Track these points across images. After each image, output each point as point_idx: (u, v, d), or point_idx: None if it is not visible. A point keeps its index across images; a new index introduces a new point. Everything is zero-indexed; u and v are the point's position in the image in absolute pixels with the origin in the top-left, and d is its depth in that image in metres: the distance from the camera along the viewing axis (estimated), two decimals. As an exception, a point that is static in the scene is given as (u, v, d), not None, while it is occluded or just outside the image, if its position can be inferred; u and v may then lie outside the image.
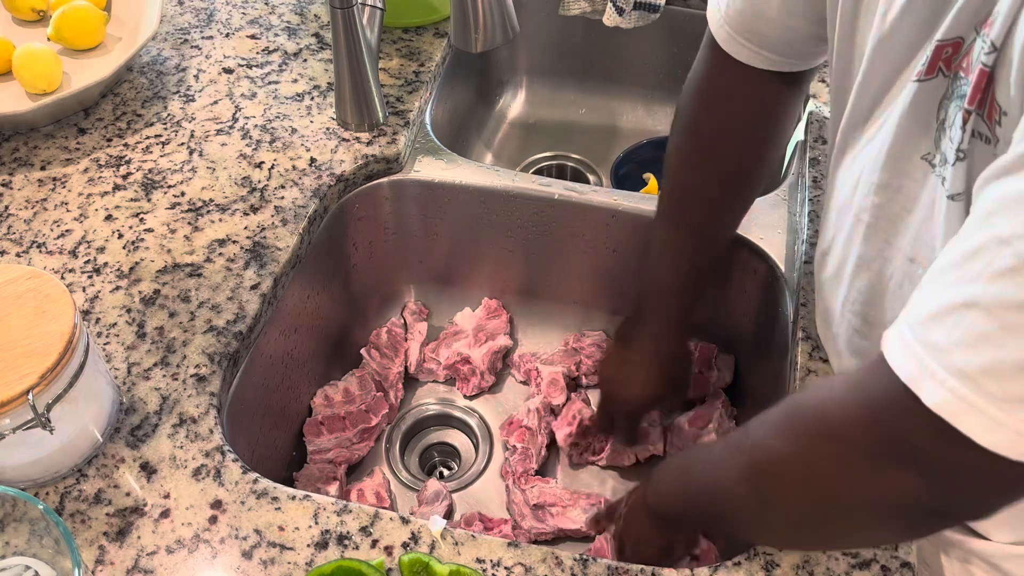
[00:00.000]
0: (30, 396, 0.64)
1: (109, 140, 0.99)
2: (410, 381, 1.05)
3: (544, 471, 0.97)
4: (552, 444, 0.98)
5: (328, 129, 1.00)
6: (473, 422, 1.02)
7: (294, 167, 0.96)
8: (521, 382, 1.05)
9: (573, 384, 1.03)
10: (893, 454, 0.49)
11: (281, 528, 0.70)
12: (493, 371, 1.04)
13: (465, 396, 1.04)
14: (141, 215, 0.91)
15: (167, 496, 0.72)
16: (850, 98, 0.63)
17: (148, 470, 0.73)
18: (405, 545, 0.69)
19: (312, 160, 0.97)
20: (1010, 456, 0.42)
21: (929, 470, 0.48)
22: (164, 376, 0.79)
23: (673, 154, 0.83)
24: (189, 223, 0.91)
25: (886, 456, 0.49)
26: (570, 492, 0.92)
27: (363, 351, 1.02)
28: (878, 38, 0.57)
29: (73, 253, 0.88)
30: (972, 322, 0.42)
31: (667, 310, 0.87)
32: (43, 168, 0.96)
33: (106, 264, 0.87)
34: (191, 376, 0.79)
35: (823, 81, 1.05)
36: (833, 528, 0.58)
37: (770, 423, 0.58)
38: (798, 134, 1.07)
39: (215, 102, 1.03)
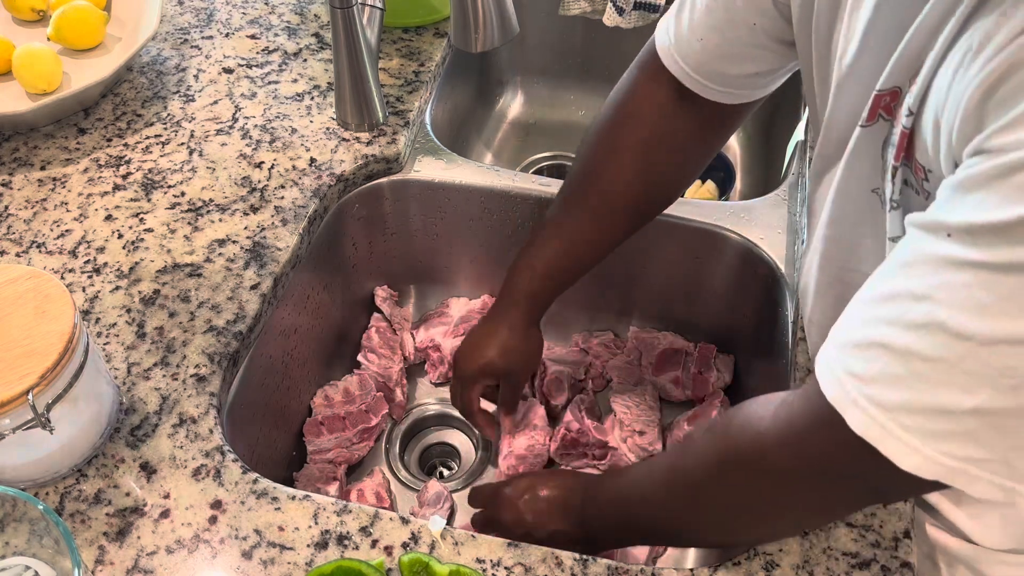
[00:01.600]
0: (30, 396, 0.64)
1: (109, 140, 0.99)
2: (411, 380, 1.05)
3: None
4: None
5: (328, 129, 1.00)
6: (473, 422, 1.02)
7: (294, 167, 0.96)
8: None
9: (579, 386, 1.03)
10: (820, 468, 0.53)
11: (281, 528, 0.70)
12: None
13: (432, 382, 1.04)
14: (141, 215, 0.91)
15: (167, 496, 0.72)
16: (820, 133, 0.64)
17: (148, 470, 0.73)
18: (405, 545, 0.69)
19: (312, 160, 0.97)
20: (928, 478, 0.46)
21: (854, 480, 0.53)
22: (164, 376, 0.79)
23: (580, 166, 0.83)
24: (189, 223, 0.91)
25: (813, 470, 0.54)
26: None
27: (360, 357, 1.02)
28: (837, 83, 0.59)
29: (73, 253, 0.88)
30: (887, 363, 0.46)
31: (530, 296, 0.87)
32: (43, 168, 0.96)
33: (106, 264, 0.87)
34: (191, 376, 0.79)
35: (823, 81, 1.05)
36: (761, 527, 0.64)
37: (701, 450, 0.63)
38: (798, 134, 1.07)
39: (215, 102, 1.03)
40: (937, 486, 0.47)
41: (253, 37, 1.11)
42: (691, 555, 0.92)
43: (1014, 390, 0.42)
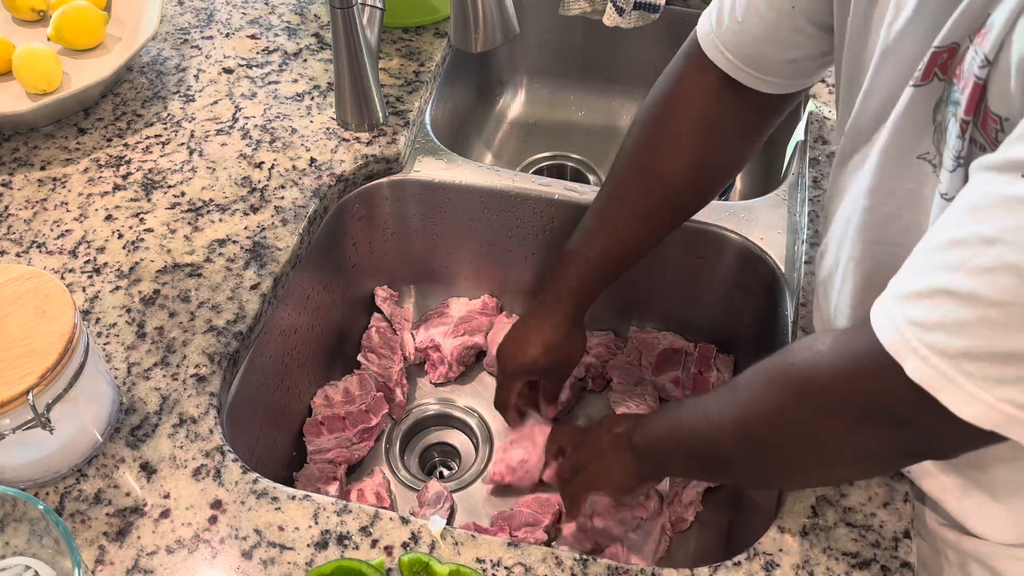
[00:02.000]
0: (30, 396, 0.64)
1: (109, 140, 0.99)
2: (411, 380, 1.05)
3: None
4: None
5: (328, 129, 1.00)
6: (473, 422, 1.02)
7: (294, 167, 0.96)
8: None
9: (579, 385, 1.03)
10: (875, 412, 0.53)
11: (281, 528, 0.70)
12: (463, 363, 1.04)
13: (432, 382, 1.04)
14: (141, 215, 0.91)
15: (167, 496, 0.72)
16: (855, 107, 0.64)
17: (148, 470, 0.73)
18: (405, 545, 0.69)
19: (312, 160, 0.97)
20: (985, 427, 0.46)
21: (909, 428, 0.52)
22: (164, 376, 0.79)
23: (629, 156, 0.82)
24: (189, 223, 0.91)
25: (869, 413, 0.54)
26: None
27: (360, 357, 1.02)
28: (883, 50, 0.59)
29: (73, 253, 0.88)
30: (951, 308, 0.46)
31: (575, 293, 0.86)
32: (43, 168, 0.96)
33: (106, 264, 0.87)
34: (191, 376, 0.79)
35: (823, 81, 1.05)
36: (815, 471, 0.64)
37: (759, 380, 0.63)
38: (798, 134, 1.07)
39: (215, 102, 1.03)
40: (991, 439, 0.47)
41: (253, 37, 1.11)
42: (691, 555, 0.92)
43: None
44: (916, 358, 0.47)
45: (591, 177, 1.26)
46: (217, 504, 0.71)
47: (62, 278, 0.86)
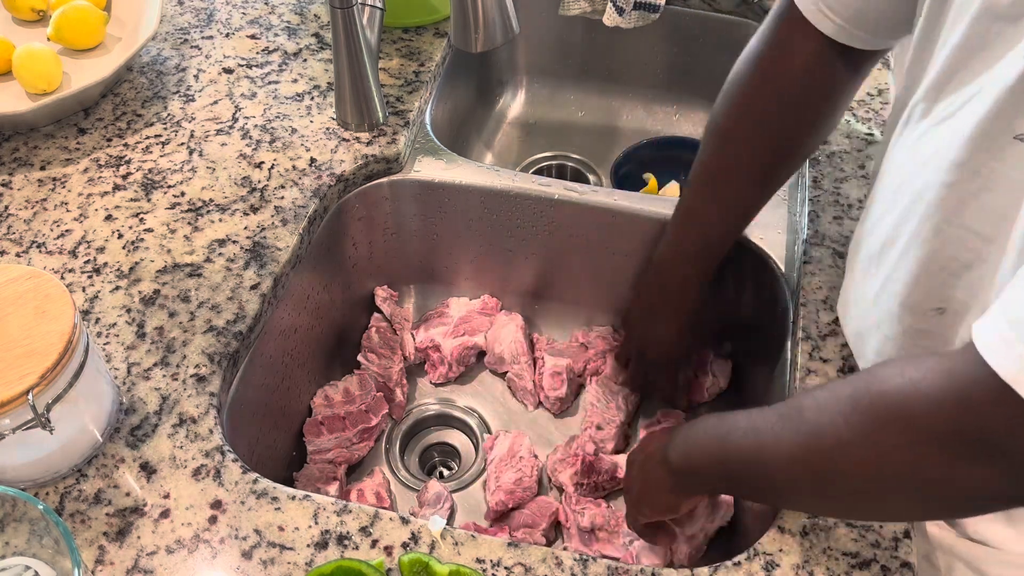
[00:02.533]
0: (30, 396, 0.64)
1: (109, 140, 0.99)
2: (411, 380, 1.05)
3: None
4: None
5: (328, 129, 1.00)
6: (473, 422, 1.02)
7: (294, 167, 0.96)
8: (498, 373, 1.06)
9: (578, 380, 1.03)
10: (980, 448, 0.48)
11: (281, 528, 0.70)
12: (463, 363, 1.04)
13: (432, 382, 1.04)
14: (141, 215, 0.91)
15: (167, 496, 0.72)
16: (929, 72, 0.60)
17: (148, 470, 0.73)
18: (405, 545, 0.69)
19: (312, 160, 0.97)
20: None
21: (1017, 466, 0.47)
22: (164, 376, 0.79)
23: (719, 123, 0.81)
24: (189, 223, 0.91)
25: (971, 450, 0.49)
26: (618, 515, 0.89)
27: (360, 357, 1.02)
28: (985, 5, 0.53)
29: (73, 253, 0.88)
30: None
31: (687, 274, 0.88)
32: (43, 168, 0.96)
33: (106, 264, 0.87)
34: (191, 376, 0.79)
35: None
36: (892, 508, 0.58)
37: (833, 406, 0.56)
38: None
39: (215, 102, 1.03)
40: None
41: (253, 37, 1.11)
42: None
43: None
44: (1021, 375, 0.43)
45: (591, 177, 1.26)
46: (217, 504, 0.71)
47: (62, 278, 0.86)
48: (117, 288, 0.85)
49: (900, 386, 0.52)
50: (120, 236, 0.89)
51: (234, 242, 0.89)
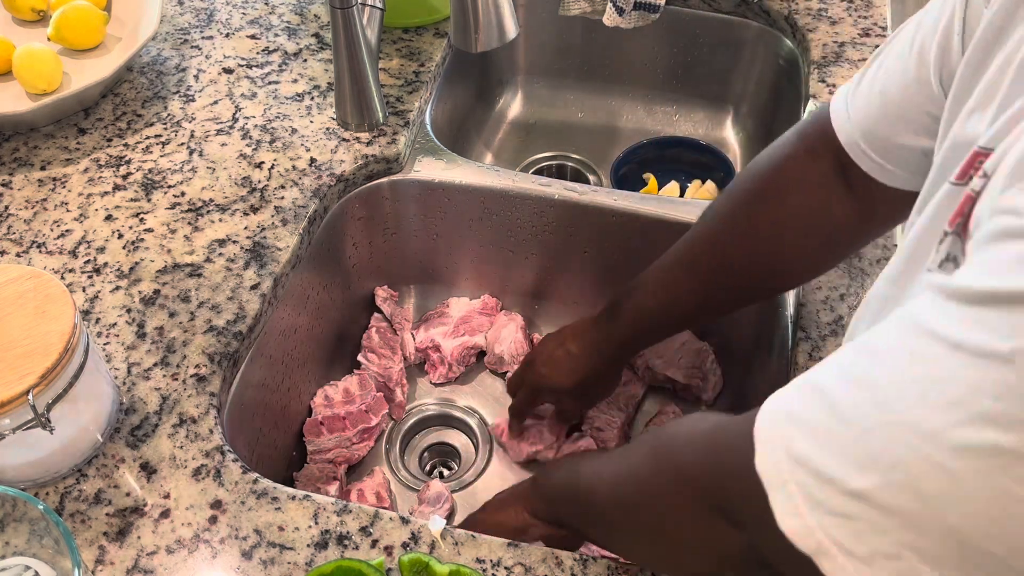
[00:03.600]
0: (30, 396, 0.64)
1: (109, 140, 0.99)
2: (411, 380, 1.05)
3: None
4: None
5: (328, 129, 1.00)
6: (473, 422, 1.02)
7: (294, 167, 0.96)
8: (498, 373, 1.06)
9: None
10: (729, 513, 0.49)
11: (281, 528, 0.70)
12: (463, 363, 1.04)
13: (432, 382, 1.05)
14: (141, 215, 0.91)
15: (167, 496, 0.72)
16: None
17: (148, 470, 0.73)
18: (405, 545, 0.69)
19: (312, 160, 0.97)
20: (800, 548, 0.41)
21: (753, 536, 0.47)
22: (164, 376, 0.79)
23: (712, 217, 0.78)
24: (189, 223, 0.91)
25: (721, 513, 0.50)
26: None
27: (360, 357, 1.02)
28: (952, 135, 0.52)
29: (73, 253, 0.88)
30: (815, 406, 0.41)
31: (621, 345, 0.86)
32: (43, 168, 0.96)
33: (106, 264, 0.87)
34: (191, 376, 0.79)
35: (823, 81, 1.05)
36: (672, 561, 0.60)
37: (639, 448, 0.61)
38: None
39: (215, 102, 1.03)
40: (809, 569, 0.41)
41: (253, 37, 1.11)
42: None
43: None
44: (765, 447, 0.42)
45: (591, 177, 1.26)
46: (217, 504, 0.71)
47: (62, 278, 0.86)
48: (117, 288, 0.85)
49: (683, 436, 0.55)
50: (120, 236, 0.89)
51: (234, 242, 0.89)
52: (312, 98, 1.03)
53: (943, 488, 0.35)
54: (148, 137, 0.99)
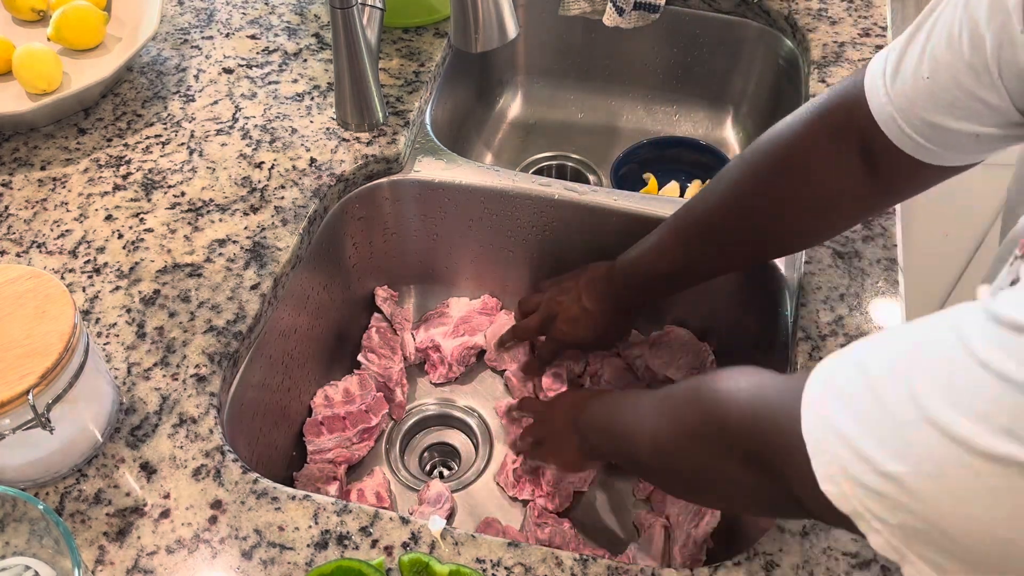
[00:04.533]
0: (30, 396, 0.64)
1: (109, 140, 0.99)
2: (411, 380, 1.05)
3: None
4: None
5: (328, 129, 1.00)
6: (473, 422, 1.02)
7: (294, 167, 0.96)
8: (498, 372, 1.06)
9: (578, 382, 1.04)
10: (770, 466, 0.53)
11: (281, 528, 0.70)
12: (463, 363, 1.05)
13: (432, 382, 1.05)
14: (141, 215, 0.91)
15: (167, 496, 0.72)
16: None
17: (148, 470, 0.73)
18: (405, 545, 0.69)
19: (312, 160, 0.97)
20: (841, 508, 0.46)
21: (783, 479, 0.52)
22: (164, 376, 0.79)
23: (729, 187, 0.78)
24: (189, 223, 0.91)
25: (762, 466, 0.54)
26: (580, 539, 0.90)
27: (360, 357, 1.02)
28: None
29: (73, 253, 0.88)
30: (856, 383, 0.46)
31: (634, 297, 0.92)
32: (43, 168, 0.96)
33: (106, 264, 0.87)
34: (191, 376, 0.79)
35: (823, 82, 1.05)
36: (710, 498, 0.71)
37: (682, 395, 0.67)
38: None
39: (215, 102, 1.03)
40: (845, 523, 0.46)
41: (253, 37, 1.11)
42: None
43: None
44: (810, 413, 0.47)
45: (591, 177, 1.26)
46: (217, 504, 0.71)
47: (62, 278, 0.86)
48: (117, 288, 0.85)
49: (730, 391, 0.59)
50: (120, 236, 0.89)
51: (234, 242, 0.89)
52: (312, 98, 1.03)
53: (967, 483, 0.39)
54: (148, 137, 0.99)
